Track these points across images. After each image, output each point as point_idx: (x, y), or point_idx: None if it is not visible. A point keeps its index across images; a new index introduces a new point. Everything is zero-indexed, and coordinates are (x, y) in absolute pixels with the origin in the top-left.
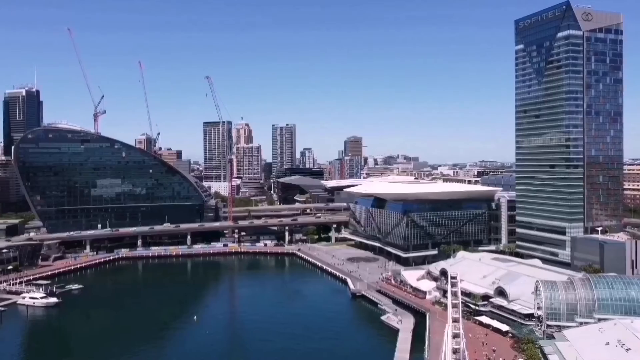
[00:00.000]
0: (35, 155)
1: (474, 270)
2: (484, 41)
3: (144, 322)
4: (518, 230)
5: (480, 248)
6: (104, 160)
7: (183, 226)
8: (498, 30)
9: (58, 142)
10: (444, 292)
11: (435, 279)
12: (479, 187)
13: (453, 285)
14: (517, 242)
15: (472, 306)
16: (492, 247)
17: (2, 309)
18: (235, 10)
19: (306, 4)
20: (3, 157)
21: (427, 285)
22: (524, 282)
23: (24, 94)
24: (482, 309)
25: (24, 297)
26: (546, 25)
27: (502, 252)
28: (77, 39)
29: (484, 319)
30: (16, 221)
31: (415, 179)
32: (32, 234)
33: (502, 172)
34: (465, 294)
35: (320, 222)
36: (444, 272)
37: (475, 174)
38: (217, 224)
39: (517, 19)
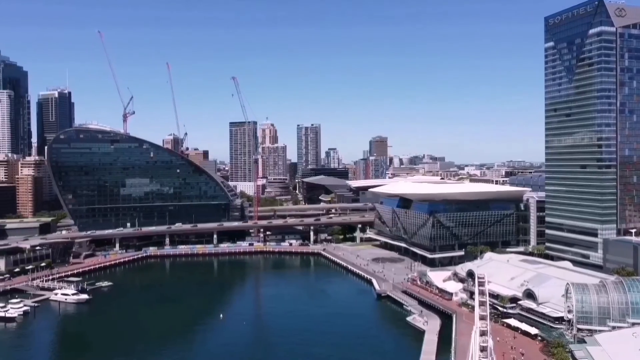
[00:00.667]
0: (67, 155)
1: (502, 272)
2: (514, 37)
3: (171, 319)
4: (547, 231)
5: (508, 249)
6: (132, 160)
7: (210, 225)
8: (527, 26)
9: (89, 142)
10: (471, 294)
11: (461, 280)
12: (507, 188)
13: (480, 285)
14: (547, 244)
15: (500, 308)
16: (521, 249)
17: (36, 304)
18: (260, 6)
19: (331, 1)
20: (37, 157)
21: (453, 286)
22: (554, 285)
23: (56, 95)
24: (510, 311)
25: (56, 294)
26: (577, 21)
27: (531, 254)
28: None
29: (512, 321)
30: (49, 219)
31: (441, 179)
32: (64, 232)
33: (530, 173)
34: (493, 295)
35: (345, 222)
36: (470, 274)
37: (503, 174)
38: (242, 223)
39: (547, 15)
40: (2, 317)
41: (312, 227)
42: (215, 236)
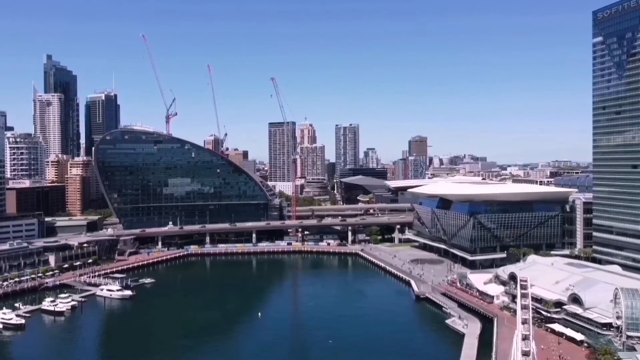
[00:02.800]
0: (112, 155)
1: (546, 275)
2: (559, 29)
3: (211, 317)
4: (595, 234)
5: (552, 252)
6: (175, 160)
7: (249, 224)
8: (575, 18)
9: (133, 143)
10: (513, 297)
11: (503, 283)
12: (552, 188)
13: (523, 289)
14: (594, 247)
15: (544, 313)
16: (566, 252)
17: (83, 299)
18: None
19: None
20: (85, 158)
21: (494, 289)
22: (602, 289)
23: (103, 98)
24: (555, 316)
25: (102, 289)
26: (628, 15)
27: (577, 257)
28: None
29: (557, 326)
30: (95, 218)
31: (482, 179)
32: (109, 230)
33: (577, 173)
34: (536, 299)
35: (383, 223)
36: (513, 277)
37: (548, 174)
38: (281, 222)
39: (595, 9)
40: (52, 311)
41: (350, 227)
42: (254, 235)
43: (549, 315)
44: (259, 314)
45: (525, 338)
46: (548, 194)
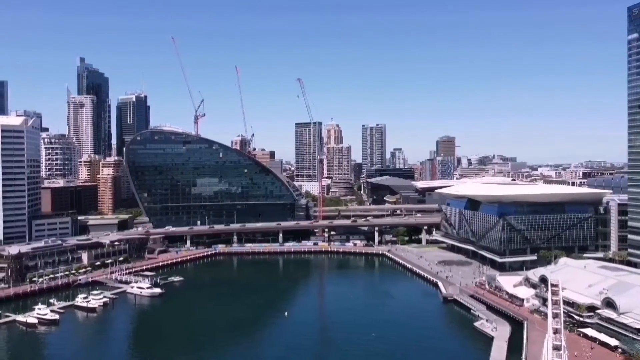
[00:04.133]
0: (143, 155)
1: (578, 278)
2: (592, 24)
3: (238, 315)
4: (630, 236)
5: (585, 255)
6: (203, 161)
7: (275, 224)
8: (609, 12)
9: (163, 143)
10: (544, 301)
11: (533, 286)
12: (585, 189)
13: (554, 293)
14: (629, 250)
15: (576, 317)
16: (599, 255)
17: (114, 296)
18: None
19: None
20: (116, 158)
21: (524, 292)
22: (637, 294)
23: (134, 99)
24: (588, 320)
25: (132, 287)
26: None
27: (611, 260)
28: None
29: (590, 331)
30: (126, 216)
31: (512, 180)
32: (139, 229)
33: (611, 174)
34: (568, 303)
35: (410, 224)
36: (543, 279)
37: (581, 175)
38: (307, 222)
39: (630, 5)
40: (84, 307)
41: (376, 228)
42: (280, 235)
43: (581, 319)
44: (286, 313)
45: (556, 346)
46: (580, 195)
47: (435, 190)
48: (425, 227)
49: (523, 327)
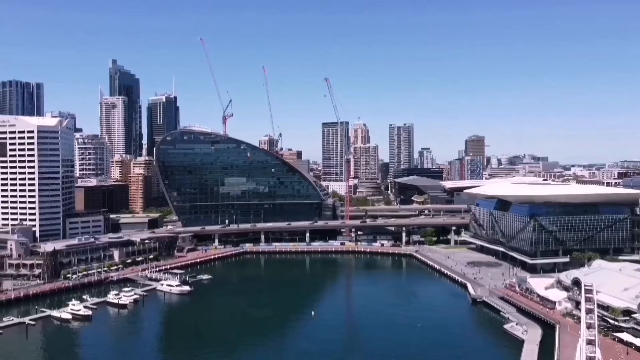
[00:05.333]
0: (172, 155)
1: (613, 281)
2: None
3: (266, 313)
4: None
5: (620, 257)
6: (231, 160)
7: (303, 223)
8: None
9: (192, 143)
10: (577, 304)
11: (566, 288)
12: (620, 190)
13: (588, 296)
14: None
15: (610, 321)
16: (636, 257)
17: (144, 293)
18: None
19: None
20: (147, 157)
21: (556, 295)
22: None
23: (163, 100)
24: (623, 325)
25: (162, 284)
26: None
27: None
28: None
29: (625, 336)
30: (156, 215)
31: (544, 180)
32: (169, 227)
33: None
34: (602, 306)
35: (438, 224)
36: (577, 282)
37: (616, 175)
38: (334, 222)
39: None
40: (116, 303)
41: (404, 228)
42: (307, 234)
43: (616, 323)
44: (313, 313)
45: (590, 351)
46: (616, 195)
47: (464, 191)
48: (454, 228)
49: (555, 330)
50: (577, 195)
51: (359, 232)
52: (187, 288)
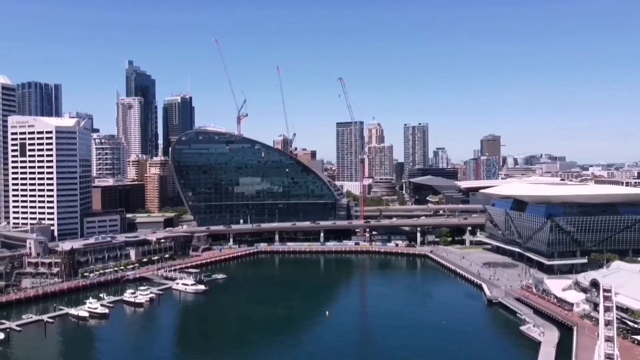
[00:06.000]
0: (188, 155)
1: (633, 283)
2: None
3: (280, 313)
4: None
5: None
6: (246, 160)
7: (317, 223)
8: None
9: (207, 143)
10: (595, 306)
11: (584, 290)
12: None
13: (606, 298)
14: None
15: (630, 323)
16: None
17: (160, 292)
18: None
19: None
20: (163, 157)
21: (574, 296)
22: None
23: (179, 100)
24: None
25: (177, 283)
26: None
27: None
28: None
29: None
30: (172, 215)
31: (561, 180)
32: (184, 227)
33: None
34: (621, 309)
35: (454, 224)
36: (595, 283)
37: (635, 175)
38: (349, 222)
39: None
40: (132, 302)
41: (419, 228)
42: (322, 234)
43: (636, 326)
44: (327, 312)
45: (609, 354)
46: (635, 195)
47: (480, 191)
48: (469, 228)
49: (572, 332)
50: (596, 196)
51: (374, 232)
52: (202, 287)
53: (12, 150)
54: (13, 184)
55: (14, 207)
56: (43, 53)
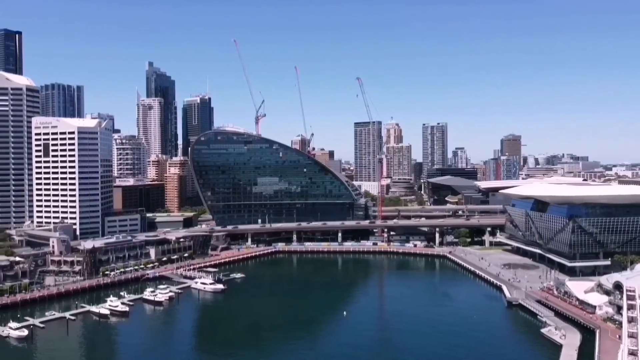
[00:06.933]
0: (207, 155)
1: None
2: None
3: (298, 313)
4: None
5: None
6: (264, 160)
7: (335, 223)
8: None
9: (225, 143)
10: (618, 308)
11: (607, 292)
12: None
13: (630, 299)
14: None
15: None
16: None
17: (179, 291)
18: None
19: None
20: (182, 157)
21: (596, 299)
22: None
23: (198, 101)
24: None
25: (196, 282)
26: None
27: None
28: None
29: None
30: (191, 214)
31: (583, 180)
32: (203, 226)
33: None
34: None
35: (473, 225)
36: (618, 286)
37: None
38: (367, 222)
39: None
40: (152, 300)
41: (437, 229)
42: (339, 234)
43: None
44: (345, 313)
45: (632, 354)
46: None
47: (500, 191)
48: (489, 229)
49: (595, 335)
50: (620, 196)
51: (392, 233)
52: (220, 286)
53: (36, 151)
54: (37, 184)
55: (37, 206)
56: (67, 56)
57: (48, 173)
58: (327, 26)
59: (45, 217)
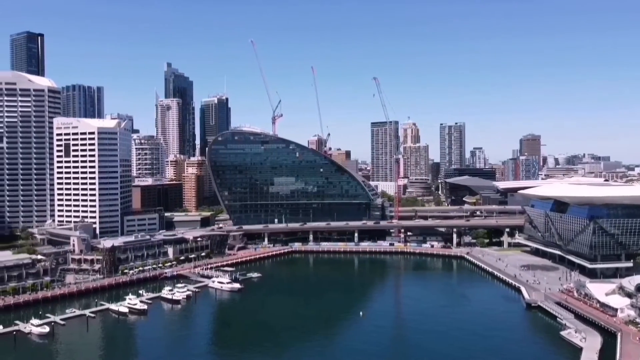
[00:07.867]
0: (224, 155)
1: None
2: None
3: (314, 312)
4: None
5: None
6: (280, 160)
7: (352, 223)
8: None
9: (242, 143)
10: None
11: (629, 295)
12: None
13: None
14: None
15: None
16: None
17: (197, 290)
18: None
19: None
20: (200, 157)
21: (618, 301)
22: None
23: (215, 101)
24: None
25: (213, 281)
26: None
27: None
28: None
29: None
30: (208, 214)
31: (605, 180)
32: (220, 226)
33: None
34: None
35: (491, 225)
36: None
37: None
38: (384, 222)
39: None
40: (170, 299)
41: (455, 229)
42: (356, 234)
43: None
44: (361, 313)
45: None
46: None
47: (519, 191)
48: (507, 230)
49: (616, 338)
50: None
51: (409, 233)
52: (237, 285)
53: (57, 151)
54: (58, 183)
55: (58, 205)
56: (88, 58)
57: (69, 173)
58: (344, 25)
59: (66, 216)
